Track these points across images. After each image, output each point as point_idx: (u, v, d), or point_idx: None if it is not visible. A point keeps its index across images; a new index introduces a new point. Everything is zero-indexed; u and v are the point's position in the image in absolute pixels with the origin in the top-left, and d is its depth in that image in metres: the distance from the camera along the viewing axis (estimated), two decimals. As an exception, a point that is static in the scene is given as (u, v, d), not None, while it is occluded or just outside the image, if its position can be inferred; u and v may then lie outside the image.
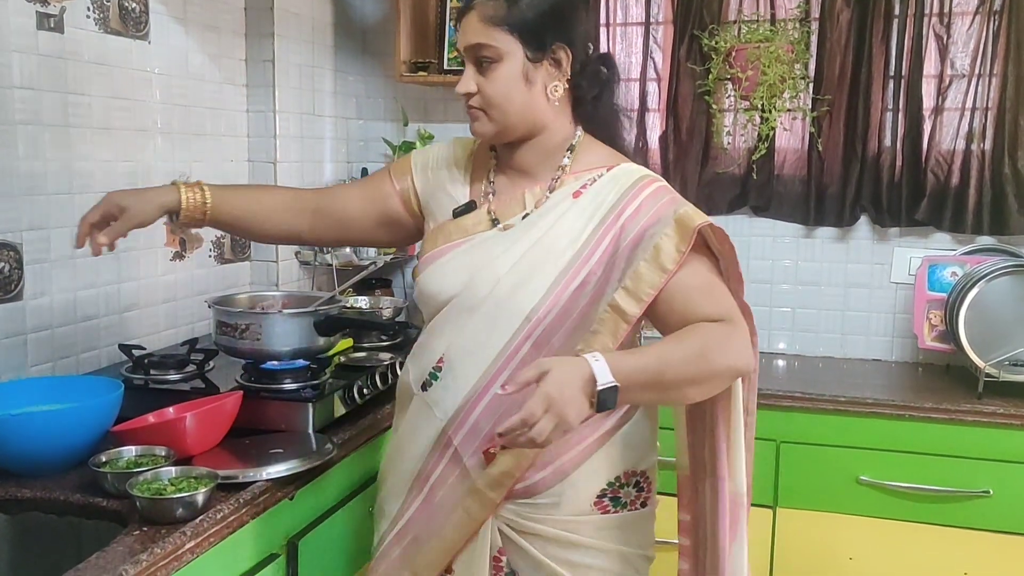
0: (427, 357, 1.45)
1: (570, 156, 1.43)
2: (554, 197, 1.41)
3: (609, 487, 1.40)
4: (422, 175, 1.55)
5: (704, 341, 1.26)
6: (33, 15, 1.76)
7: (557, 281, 1.35)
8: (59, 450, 1.48)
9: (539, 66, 1.37)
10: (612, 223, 1.35)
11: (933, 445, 2.16)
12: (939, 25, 2.45)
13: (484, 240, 1.42)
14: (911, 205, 2.52)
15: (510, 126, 1.39)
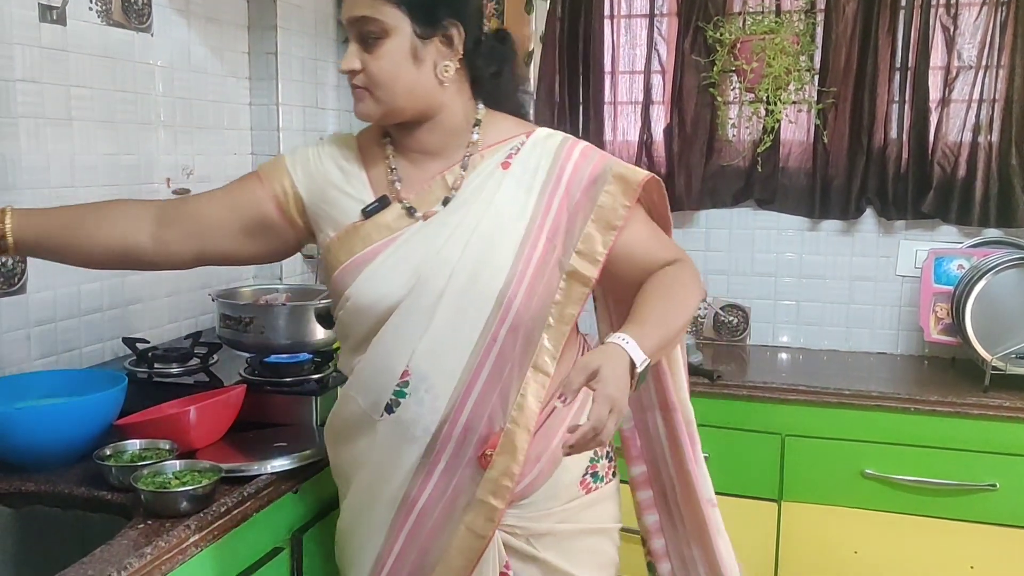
0: (382, 377, 1.31)
1: (478, 131, 1.36)
2: (479, 172, 1.34)
3: (590, 463, 1.39)
4: (305, 178, 1.40)
5: (680, 286, 1.31)
6: (35, 7, 1.75)
7: (519, 255, 1.29)
8: (63, 444, 1.47)
9: (429, 43, 1.28)
10: (555, 187, 1.33)
11: (939, 438, 2.15)
12: (946, 16, 2.44)
13: (416, 233, 1.33)
14: (917, 197, 2.51)
15: (397, 107, 1.30)
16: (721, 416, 2.29)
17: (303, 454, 1.55)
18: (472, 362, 1.29)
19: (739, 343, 2.73)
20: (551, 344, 1.30)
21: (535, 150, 1.36)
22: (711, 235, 2.73)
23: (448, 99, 1.33)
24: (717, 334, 2.75)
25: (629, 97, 2.74)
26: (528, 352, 1.30)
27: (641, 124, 2.70)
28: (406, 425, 1.31)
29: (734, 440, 2.29)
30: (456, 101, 1.35)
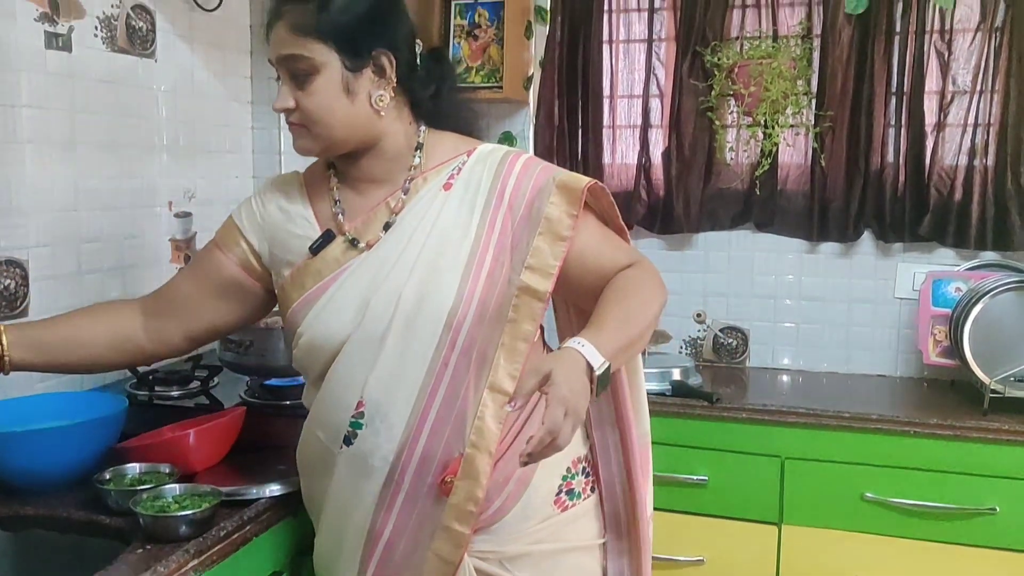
0: (338, 410, 1.31)
1: (420, 154, 1.36)
2: (421, 195, 1.34)
3: (564, 481, 1.37)
4: (254, 231, 1.42)
5: (640, 288, 1.28)
6: (41, 35, 1.77)
7: (465, 276, 1.27)
8: (63, 467, 1.48)
9: (360, 75, 1.28)
10: (498, 204, 1.31)
11: (939, 462, 2.15)
12: (940, 42, 2.46)
13: (361, 264, 1.32)
14: (914, 220, 2.52)
15: (335, 141, 1.31)
16: (720, 439, 2.29)
17: (303, 477, 1.55)
18: (425, 388, 1.27)
19: (739, 365, 2.73)
20: (507, 363, 1.26)
21: (476, 167, 1.35)
22: (710, 257, 2.74)
23: (387, 126, 1.33)
24: (716, 356, 2.75)
25: (628, 121, 2.76)
26: (483, 373, 1.27)
27: (640, 147, 2.72)
28: (364, 456, 1.30)
29: (734, 463, 2.29)
30: (396, 127, 1.34)
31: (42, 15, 1.77)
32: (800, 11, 2.58)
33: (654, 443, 1.69)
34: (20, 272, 1.75)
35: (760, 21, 2.60)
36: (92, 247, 1.93)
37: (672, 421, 2.30)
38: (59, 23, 1.81)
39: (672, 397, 2.35)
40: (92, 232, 1.92)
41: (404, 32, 1.32)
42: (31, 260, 1.77)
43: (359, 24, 1.26)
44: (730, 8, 2.62)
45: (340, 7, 1.25)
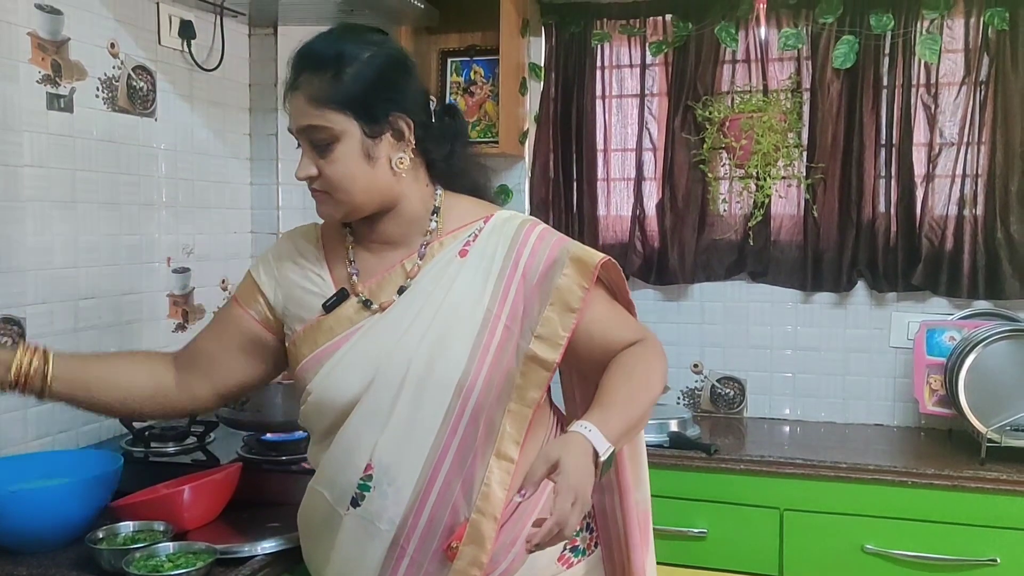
0: (346, 471, 1.30)
1: (436, 219, 1.36)
2: (436, 261, 1.34)
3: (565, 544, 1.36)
4: (270, 286, 1.41)
5: (644, 367, 1.29)
6: (44, 96, 1.81)
7: (477, 344, 1.28)
8: (56, 526, 1.47)
9: (379, 140, 1.29)
10: (512, 273, 1.31)
11: (938, 512, 2.13)
12: (927, 95, 2.51)
13: (373, 325, 1.32)
14: (907, 270, 2.54)
15: (357, 205, 1.31)
16: (719, 490, 2.28)
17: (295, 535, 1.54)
18: (433, 453, 1.27)
19: (736, 416, 2.73)
20: (513, 429, 1.27)
21: (492, 235, 1.35)
22: (706, 308, 2.75)
23: (405, 188, 1.33)
24: (714, 407, 2.75)
25: (621, 173, 2.80)
26: (490, 439, 1.27)
27: (634, 199, 2.75)
28: (371, 518, 1.29)
29: (733, 515, 2.27)
30: (413, 189, 1.35)
31: (44, 77, 1.81)
32: (789, 66, 2.64)
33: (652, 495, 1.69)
34: (17, 330, 1.76)
35: (750, 76, 2.66)
36: (90, 303, 1.94)
37: (670, 473, 2.29)
38: (61, 85, 1.85)
39: (670, 449, 2.34)
40: (90, 289, 1.94)
41: (417, 94, 1.33)
42: (28, 318, 1.78)
43: (374, 90, 1.27)
44: (720, 63, 2.67)
45: (354, 75, 1.26)
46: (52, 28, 1.82)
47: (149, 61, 2.10)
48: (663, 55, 2.71)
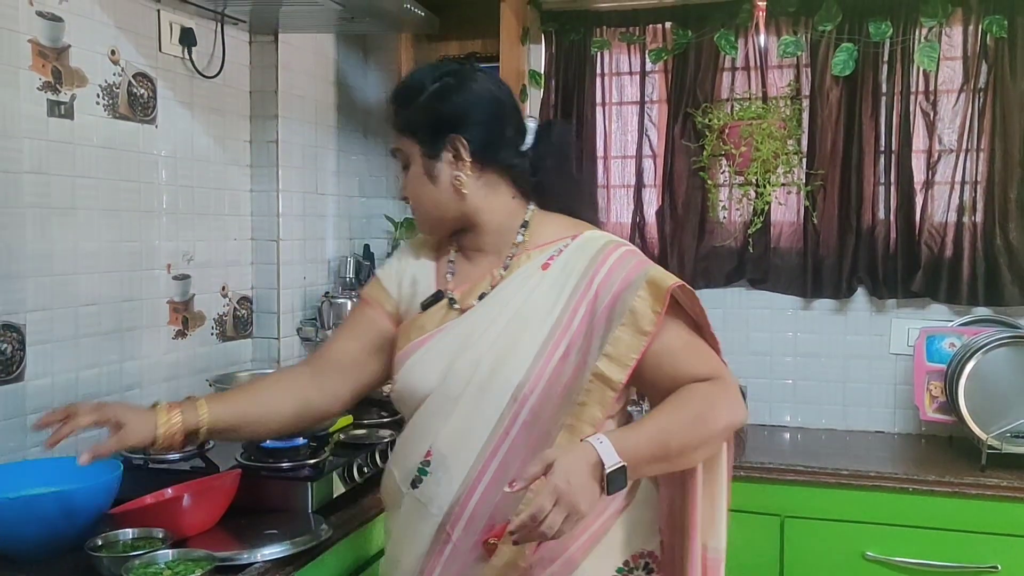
0: (412, 454, 1.38)
1: (524, 232, 1.42)
2: (520, 272, 1.39)
3: (619, 573, 1.36)
4: (395, 285, 1.51)
5: (701, 403, 1.28)
6: (44, 103, 1.81)
7: (540, 354, 1.32)
8: (56, 534, 1.47)
9: (438, 160, 1.39)
10: (585, 290, 1.34)
11: (938, 519, 2.13)
12: (925, 102, 2.52)
13: (455, 326, 1.40)
14: (907, 277, 2.55)
15: (432, 222, 1.44)
16: (719, 497, 2.27)
17: (296, 541, 1.54)
18: (484, 451, 1.32)
19: (736, 422, 2.72)
20: (566, 443, 1.28)
21: (576, 253, 1.38)
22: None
23: (479, 203, 1.41)
24: (714, 413, 2.74)
25: (621, 181, 2.80)
26: (541, 449, 1.27)
27: (634, 207, 2.76)
28: (425, 501, 1.36)
29: (733, 521, 2.24)
30: (491, 203, 1.41)
31: (45, 84, 1.81)
32: (788, 73, 2.65)
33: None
34: (17, 336, 1.76)
35: (750, 83, 2.66)
36: (90, 310, 1.94)
37: (670, 480, 2.28)
38: (62, 91, 1.85)
39: (670, 455, 2.34)
40: (90, 295, 1.94)
41: (482, 114, 1.39)
42: (28, 324, 1.78)
43: (433, 116, 1.38)
44: (720, 71, 2.68)
45: (417, 105, 1.39)
46: (53, 35, 1.83)
47: (150, 68, 2.10)
48: (663, 62, 2.72)
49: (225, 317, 2.41)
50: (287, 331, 2.55)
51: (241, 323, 2.48)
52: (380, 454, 1.96)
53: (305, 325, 2.61)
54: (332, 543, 1.67)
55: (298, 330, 2.60)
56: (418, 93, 1.40)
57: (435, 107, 1.38)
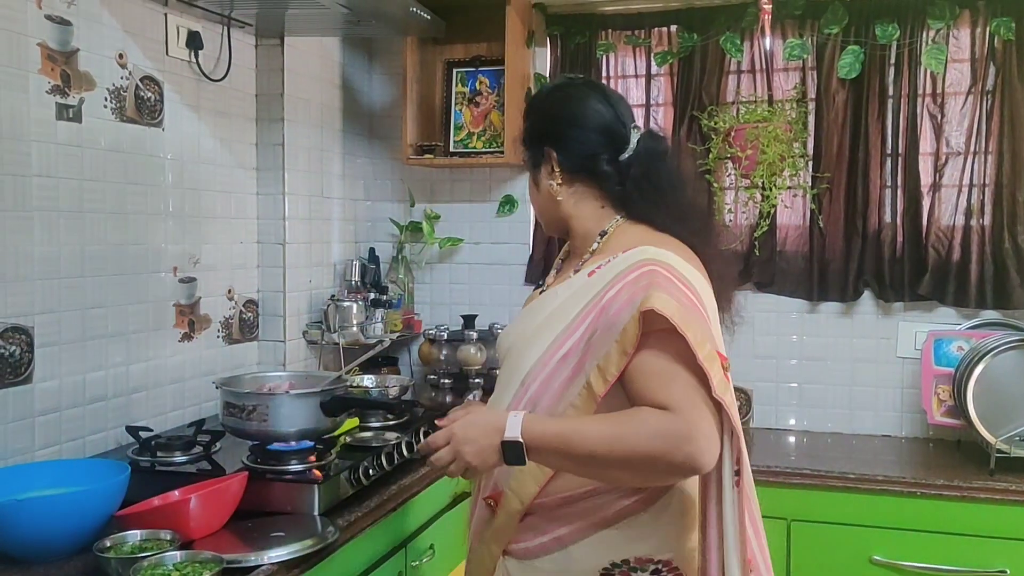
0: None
1: (599, 241, 1.50)
2: (576, 277, 1.48)
3: (615, 567, 1.39)
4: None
5: (629, 424, 1.28)
6: (53, 106, 1.82)
7: (546, 351, 1.42)
8: (64, 535, 1.47)
9: (539, 170, 1.55)
10: (596, 303, 1.39)
11: (946, 523, 2.13)
12: (933, 105, 2.51)
13: (525, 312, 1.57)
14: (914, 280, 2.54)
15: (544, 222, 1.61)
16: (726, 501, 2.27)
17: (302, 543, 1.54)
18: None
19: (742, 426, 2.71)
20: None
21: (616, 266, 1.41)
22: (711, 318, 2.75)
23: (571, 210, 1.53)
24: (720, 417, 2.74)
25: (627, 184, 2.80)
26: None
27: (640, 210, 2.75)
28: None
29: (740, 526, 2.26)
30: (581, 211, 1.52)
31: (54, 87, 1.81)
32: (794, 76, 2.64)
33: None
34: (25, 339, 1.76)
35: (755, 86, 2.66)
36: (97, 313, 1.94)
37: (676, 483, 2.28)
38: (70, 95, 1.85)
39: (676, 459, 2.33)
40: (97, 298, 1.94)
41: (574, 128, 1.50)
42: (36, 327, 1.78)
43: (534, 129, 1.56)
44: (725, 74, 2.68)
45: (531, 119, 1.58)
46: (62, 39, 1.83)
47: (157, 71, 2.11)
48: (668, 65, 2.72)
49: (231, 320, 2.41)
50: (293, 334, 2.56)
51: (247, 326, 2.48)
52: (386, 456, 1.96)
53: (311, 328, 2.61)
54: (339, 545, 1.67)
55: (304, 333, 2.61)
56: (532, 104, 1.59)
57: (536, 122, 1.56)
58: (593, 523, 1.39)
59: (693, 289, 1.36)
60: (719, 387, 1.27)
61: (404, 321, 2.83)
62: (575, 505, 1.39)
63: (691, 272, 1.40)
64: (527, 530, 1.42)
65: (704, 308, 1.36)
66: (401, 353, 2.95)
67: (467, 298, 2.95)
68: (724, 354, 1.35)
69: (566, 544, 1.40)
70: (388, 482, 1.93)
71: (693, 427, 1.26)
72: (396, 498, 1.92)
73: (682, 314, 1.29)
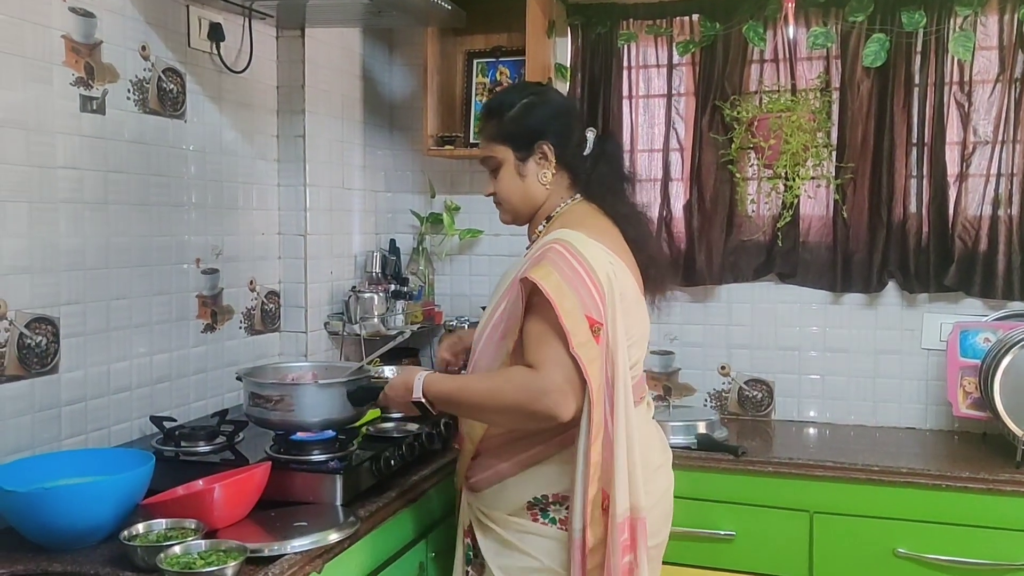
0: None
1: (545, 224, 1.76)
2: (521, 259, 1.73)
3: (536, 501, 1.66)
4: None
5: (502, 380, 1.60)
6: (77, 98, 1.83)
7: (486, 321, 1.73)
8: (90, 523, 1.49)
9: (527, 162, 1.74)
10: (513, 281, 1.66)
11: (972, 516, 2.10)
12: (960, 93, 2.48)
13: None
14: (939, 271, 2.51)
15: (520, 212, 1.78)
16: (747, 493, 2.26)
17: (324, 533, 1.55)
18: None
19: (764, 418, 2.70)
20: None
21: (535, 247, 1.69)
22: (733, 309, 2.73)
23: (545, 195, 1.76)
24: (742, 409, 2.73)
25: (648, 174, 2.78)
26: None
27: (661, 200, 2.74)
28: None
29: (761, 517, 2.25)
30: (552, 196, 1.76)
31: (78, 79, 1.83)
32: (818, 65, 2.61)
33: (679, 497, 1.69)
34: (51, 329, 1.78)
35: (778, 75, 2.63)
36: (121, 304, 1.96)
37: (698, 475, 2.27)
38: (94, 87, 1.86)
39: (697, 451, 2.33)
40: (121, 289, 1.96)
41: (561, 126, 1.75)
42: (62, 318, 1.80)
43: (524, 126, 1.73)
44: (748, 63, 2.65)
45: (510, 117, 1.74)
46: (85, 31, 1.84)
47: (179, 63, 2.12)
48: (690, 55, 2.70)
49: (253, 311, 2.42)
50: (315, 325, 2.57)
51: (269, 317, 2.49)
52: (407, 447, 1.97)
53: (332, 319, 2.62)
54: (361, 535, 1.68)
55: (325, 324, 2.62)
56: (508, 108, 1.74)
57: (527, 119, 1.73)
58: (522, 461, 1.66)
59: (585, 263, 1.59)
60: (578, 347, 1.53)
61: (424, 312, 2.83)
62: (510, 445, 1.67)
63: (591, 247, 1.62)
64: (476, 467, 1.73)
65: (595, 280, 1.58)
66: (422, 344, 2.95)
67: (487, 289, 2.94)
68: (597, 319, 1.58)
69: (504, 477, 1.68)
70: (409, 472, 1.93)
71: (548, 382, 1.54)
72: (417, 488, 1.93)
73: (557, 282, 1.55)
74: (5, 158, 1.67)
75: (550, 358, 1.55)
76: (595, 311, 1.57)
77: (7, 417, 1.68)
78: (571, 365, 1.54)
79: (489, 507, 1.72)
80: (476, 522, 1.74)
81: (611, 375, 1.58)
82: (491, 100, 1.85)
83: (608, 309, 1.59)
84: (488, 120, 1.78)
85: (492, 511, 1.71)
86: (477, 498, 1.74)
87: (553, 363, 1.55)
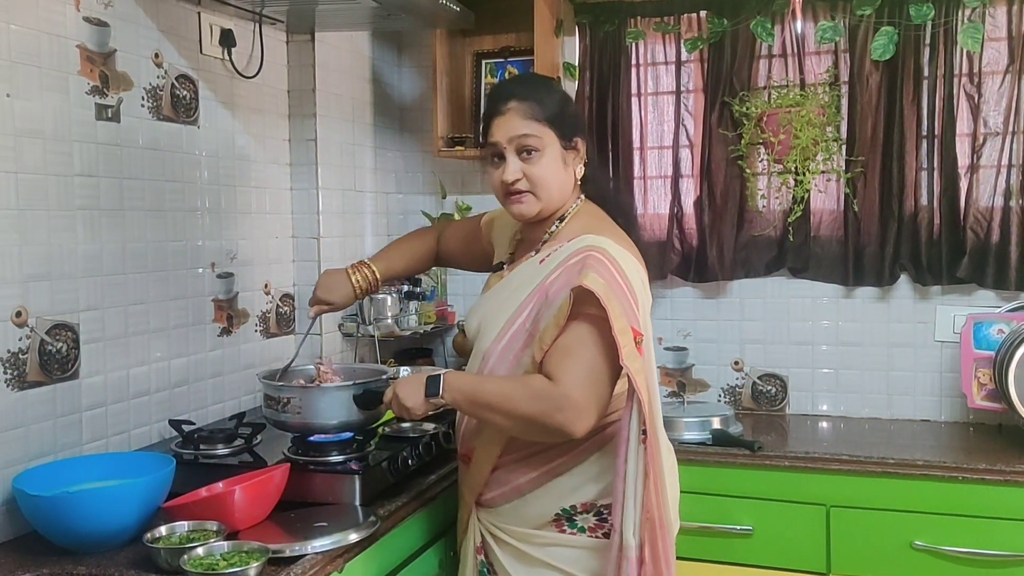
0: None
1: (557, 225, 1.70)
2: (533, 260, 1.68)
3: (564, 513, 1.63)
4: (492, 231, 1.94)
5: (518, 389, 1.55)
6: (92, 107, 1.85)
7: (503, 328, 1.64)
8: (113, 527, 1.51)
9: (568, 152, 1.68)
10: (541, 286, 1.60)
11: (989, 508, 2.10)
12: (969, 85, 2.47)
13: (488, 293, 1.76)
14: (952, 263, 2.51)
15: (552, 203, 1.68)
16: (763, 487, 2.26)
17: (345, 533, 1.56)
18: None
19: (778, 413, 2.71)
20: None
21: (561, 253, 1.62)
22: (746, 304, 2.74)
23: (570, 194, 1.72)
24: (756, 404, 2.73)
25: (658, 171, 2.79)
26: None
27: (671, 197, 2.75)
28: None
29: (778, 512, 2.26)
30: (572, 195, 1.72)
31: (93, 88, 1.85)
32: (827, 59, 2.61)
33: (695, 492, 1.70)
34: (71, 335, 1.80)
35: (787, 70, 2.64)
36: (138, 309, 1.98)
37: (713, 470, 2.28)
38: (108, 95, 1.88)
39: (713, 446, 2.33)
40: (139, 294, 1.98)
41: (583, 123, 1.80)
42: (81, 324, 1.82)
43: (566, 115, 1.68)
44: (756, 58, 2.65)
45: (553, 102, 1.67)
46: (100, 40, 1.86)
47: (191, 70, 2.13)
48: (698, 51, 2.70)
49: (268, 314, 2.44)
50: (329, 327, 2.58)
51: (284, 320, 2.51)
52: (424, 446, 1.98)
53: (346, 321, 2.63)
54: (381, 535, 1.69)
55: (340, 326, 2.63)
56: (546, 93, 1.68)
57: (570, 108, 1.71)
58: (544, 473, 1.62)
59: (622, 272, 1.55)
60: (627, 357, 1.47)
61: (438, 313, 2.85)
62: (530, 459, 1.62)
63: (624, 256, 1.59)
64: (493, 483, 1.67)
65: (631, 290, 1.55)
66: (435, 344, 2.97)
67: (499, 289, 2.96)
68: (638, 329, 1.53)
69: (523, 493, 1.64)
70: (427, 471, 1.95)
71: (565, 399, 1.49)
72: (435, 487, 1.94)
73: (606, 291, 1.49)
74: (24, 167, 1.70)
75: (571, 372, 1.50)
76: (636, 321, 1.52)
77: (30, 422, 1.70)
78: (593, 381, 1.51)
79: (506, 522, 1.68)
80: (491, 537, 1.70)
81: (652, 385, 1.56)
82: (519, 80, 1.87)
83: (643, 319, 1.57)
84: (523, 100, 1.64)
85: (510, 526, 1.67)
86: (491, 514, 1.70)
87: (573, 377, 1.50)
